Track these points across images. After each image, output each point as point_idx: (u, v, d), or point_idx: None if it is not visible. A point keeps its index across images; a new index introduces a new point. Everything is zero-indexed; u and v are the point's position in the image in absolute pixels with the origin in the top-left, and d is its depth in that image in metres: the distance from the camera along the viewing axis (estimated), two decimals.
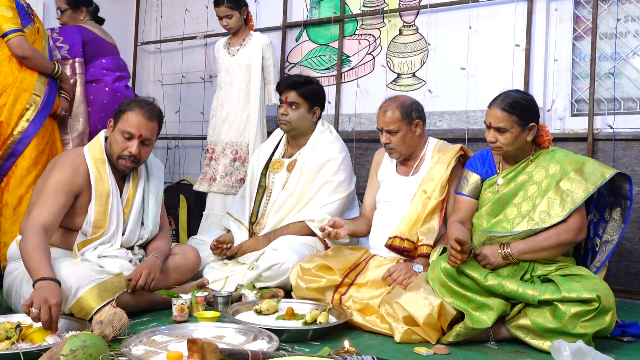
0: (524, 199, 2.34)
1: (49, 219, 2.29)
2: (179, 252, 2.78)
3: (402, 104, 2.69)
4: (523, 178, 2.38)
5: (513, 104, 2.31)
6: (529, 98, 2.39)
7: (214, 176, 3.78)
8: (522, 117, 2.31)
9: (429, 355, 2.03)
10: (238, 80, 3.81)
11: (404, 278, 2.41)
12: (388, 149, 2.74)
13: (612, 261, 3.18)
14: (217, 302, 2.52)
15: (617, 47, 3.28)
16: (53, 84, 3.18)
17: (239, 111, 3.78)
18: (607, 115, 3.27)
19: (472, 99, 3.60)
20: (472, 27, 3.63)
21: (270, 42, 3.84)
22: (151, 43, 5.07)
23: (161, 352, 1.82)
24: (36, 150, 3.03)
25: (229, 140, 3.78)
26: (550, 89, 3.45)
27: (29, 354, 1.72)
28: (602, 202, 2.42)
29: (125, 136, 2.47)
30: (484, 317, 2.13)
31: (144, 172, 2.67)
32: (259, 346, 1.92)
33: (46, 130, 3.12)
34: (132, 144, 2.47)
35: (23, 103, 3.01)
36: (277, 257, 2.74)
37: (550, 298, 2.08)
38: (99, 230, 2.48)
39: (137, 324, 2.28)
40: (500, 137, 2.33)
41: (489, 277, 2.17)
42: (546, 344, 2.08)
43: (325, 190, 3.03)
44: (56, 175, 2.40)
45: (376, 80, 3.98)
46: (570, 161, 2.33)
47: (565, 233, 2.25)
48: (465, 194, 2.50)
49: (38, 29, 3.20)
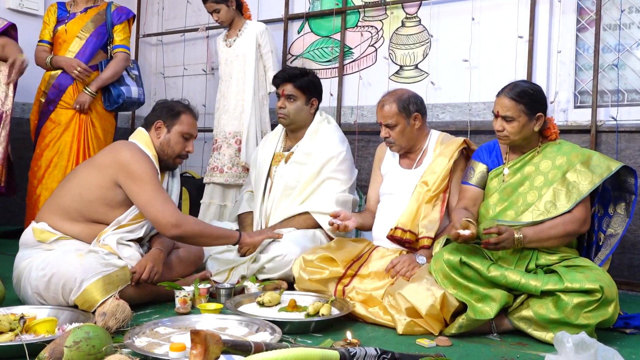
0: (530, 188, 2.35)
1: (175, 207, 2.49)
2: (183, 245, 2.78)
3: (399, 98, 2.69)
4: (529, 169, 2.38)
5: (521, 93, 2.32)
6: (537, 88, 2.39)
7: (220, 167, 3.80)
8: (529, 107, 2.32)
9: (431, 347, 2.03)
10: (236, 70, 3.83)
11: (407, 270, 2.41)
12: (388, 143, 2.74)
13: (615, 254, 3.17)
14: (220, 294, 2.53)
15: (621, 38, 3.26)
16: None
17: (239, 101, 3.80)
18: (611, 107, 3.26)
19: (474, 91, 3.59)
20: (474, 19, 3.61)
21: (265, 28, 3.83)
22: (153, 35, 5.06)
23: (164, 344, 1.83)
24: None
25: (232, 130, 3.80)
26: (553, 80, 3.43)
27: (33, 346, 1.72)
28: (606, 196, 2.42)
29: (186, 137, 2.65)
30: (486, 309, 2.13)
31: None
32: (261, 338, 1.92)
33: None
34: (189, 144, 2.68)
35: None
36: (280, 249, 2.75)
37: (553, 288, 2.08)
38: (138, 219, 2.51)
39: (140, 315, 2.28)
40: (507, 125, 2.34)
41: (491, 269, 2.17)
42: (549, 335, 2.08)
43: (328, 186, 3.02)
44: (140, 166, 2.42)
45: (378, 73, 3.97)
46: (577, 153, 2.34)
47: (570, 223, 2.26)
48: (472, 183, 2.50)
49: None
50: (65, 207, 2.44)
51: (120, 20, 3.78)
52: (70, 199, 2.44)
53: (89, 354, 1.62)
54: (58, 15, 3.75)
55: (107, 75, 3.69)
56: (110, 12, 3.76)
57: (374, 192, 2.91)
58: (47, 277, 2.22)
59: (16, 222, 4.13)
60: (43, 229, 2.41)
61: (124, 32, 3.79)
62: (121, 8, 3.84)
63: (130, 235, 2.51)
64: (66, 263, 2.22)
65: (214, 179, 3.81)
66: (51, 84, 3.65)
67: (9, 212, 4.29)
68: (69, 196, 2.44)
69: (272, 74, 3.78)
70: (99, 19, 3.74)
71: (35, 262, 2.30)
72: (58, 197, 2.48)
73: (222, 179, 3.79)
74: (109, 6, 3.79)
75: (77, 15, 3.73)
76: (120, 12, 3.80)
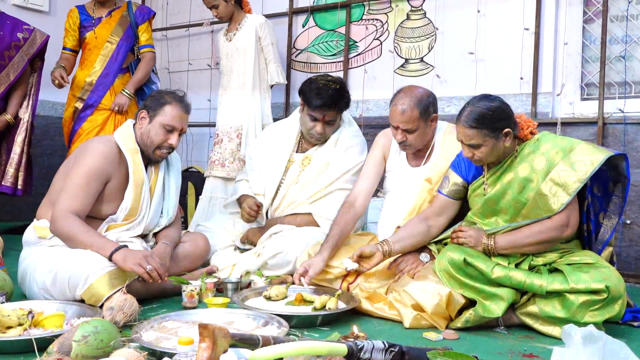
0: (513, 199, 2.24)
1: (81, 208, 2.35)
2: (189, 240, 2.79)
3: (419, 101, 2.51)
4: (509, 176, 2.25)
5: (479, 118, 2.16)
6: (496, 106, 2.19)
7: (221, 161, 3.79)
8: (492, 129, 2.16)
9: (438, 341, 2.02)
10: (237, 64, 3.82)
11: (411, 268, 2.40)
12: (403, 146, 2.61)
13: (623, 246, 3.17)
14: (227, 288, 2.53)
15: (628, 29, 3.24)
16: None
17: (240, 95, 3.79)
18: (618, 99, 3.24)
19: (480, 84, 3.57)
20: (480, 11, 3.59)
21: (265, 21, 3.81)
22: (157, 30, 5.05)
23: (172, 338, 1.83)
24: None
25: (233, 124, 3.79)
26: (560, 72, 3.41)
27: (41, 340, 1.73)
28: (603, 176, 2.31)
29: (167, 129, 2.52)
30: (494, 307, 2.12)
31: (164, 162, 2.69)
32: (268, 332, 1.92)
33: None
34: (173, 137, 2.54)
35: None
36: (282, 245, 2.72)
37: (558, 289, 2.06)
38: (130, 217, 2.51)
39: (148, 310, 2.29)
40: (476, 152, 2.21)
41: (495, 270, 2.15)
42: (556, 330, 2.07)
43: (338, 195, 2.93)
44: (88, 162, 2.40)
45: (384, 66, 3.96)
46: (557, 150, 2.20)
47: (548, 231, 2.17)
48: (444, 193, 2.41)
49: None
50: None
51: (144, 20, 3.83)
52: (70, 198, 2.42)
53: (97, 348, 1.63)
54: (82, 21, 3.75)
55: (140, 77, 3.77)
56: (133, 12, 3.79)
57: (365, 186, 2.70)
58: (53, 272, 2.23)
59: (24, 218, 4.15)
60: (43, 226, 2.44)
61: (147, 31, 3.84)
62: (142, 7, 3.89)
63: (129, 233, 2.51)
64: (72, 258, 2.23)
65: (215, 173, 3.79)
66: (88, 90, 3.70)
67: (17, 208, 4.32)
68: (68, 195, 2.41)
69: (273, 66, 3.78)
70: (124, 22, 3.77)
71: (40, 258, 2.30)
72: (52, 194, 2.49)
73: (223, 173, 3.77)
74: (129, 6, 3.80)
75: (103, 19, 3.74)
76: (142, 12, 3.84)
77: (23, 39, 3.55)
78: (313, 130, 2.96)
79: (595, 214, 2.33)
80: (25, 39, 3.56)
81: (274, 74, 3.80)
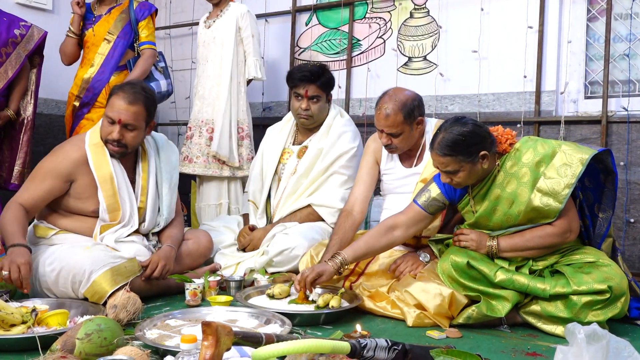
0: (504, 213, 2.20)
1: (28, 200, 2.40)
2: (192, 237, 2.79)
3: (403, 105, 2.49)
4: (496, 193, 2.20)
5: (452, 145, 2.10)
6: (468, 130, 2.11)
7: (190, 157, 3.70)
8: (467, 153, 2.11)
9: (441, 339, 2.02)
10: (213, 53, 3.70)
11: (411, 269, 2.40)
12: (389, 149, 2.61)
13: (627, 245, 3.16)
14: (230, 286, 2.53)
15: (632, 27, 3.23)
16: None
17: (214, 87, 3.68)
18: (622, 97, 3.23)
19: (484, 83, 3.57)
20: (484, 9, 3.58)
21: (247, 11, 3.70)
22: (161, 29, 5.05)
23: (175, 336, 1.83)
24: None
25: (204, 118, 3.70)
26: (563, 71, 3.40)
27: (45, 338, 1.73)
28: (592, 169, 2.27)
29: (109, 121, 2.42)
30: (498, 307, 2.12)
31: (153, 158, 2.63)
32: (271, 330, 1.92)
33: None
34: (114, 129, 2.41)
35: None
36: (288, 242, 2.74)
37: (561, 292, 2.06)
38: (115, 214, 2.49)
39: (151, 308, 2.30)
40: (454, 177, 2.17)
41: (498, 273, 2.14)
42: (559, 329, 2.07)
43: (334, 180, 3.02)
44: (47, 160, 2.47)
45: (387, 64, 3.95)
46: (539, 159, 2.15)
47: (550, 237, 2.15)
48: (419, 203, 2.33)
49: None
50: (51, 203, 2.47)
51: (144, 16, 3.73)
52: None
53: (101, 346, 1.63)
54: (85, 17, 3.72)
55: (136, 75, 3.64)
56: (133, 9, 3.72)
57: (361, 193, 2.69)
58: (56, 271, 2.24)
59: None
60: (40, 226, 2.48)
61: (148, 27, 3.75)
62: (143, 3, 3.79)
63: (125, 230, 2.50)
64: (74, 256, 2.25)
65: (184, 169, 3.67)
66: (85, 88, 3.67)
67: None
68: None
69: (252, 60, 3.65)
70: (124, 18, 3.71)
71: (42, 257, 2.31)
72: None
73: (189, 170, 3.68)
74: (131, 3, 3.75)
75: (102, 17, 3.71)
76: (143, 8, 3.75)
77: (20, 35, 3.51)
78: (300, 109, 3.03)
79: (590, 207, 2.32)
80: (22, 36, 3.52)
81: (252, 68, 3.66)
